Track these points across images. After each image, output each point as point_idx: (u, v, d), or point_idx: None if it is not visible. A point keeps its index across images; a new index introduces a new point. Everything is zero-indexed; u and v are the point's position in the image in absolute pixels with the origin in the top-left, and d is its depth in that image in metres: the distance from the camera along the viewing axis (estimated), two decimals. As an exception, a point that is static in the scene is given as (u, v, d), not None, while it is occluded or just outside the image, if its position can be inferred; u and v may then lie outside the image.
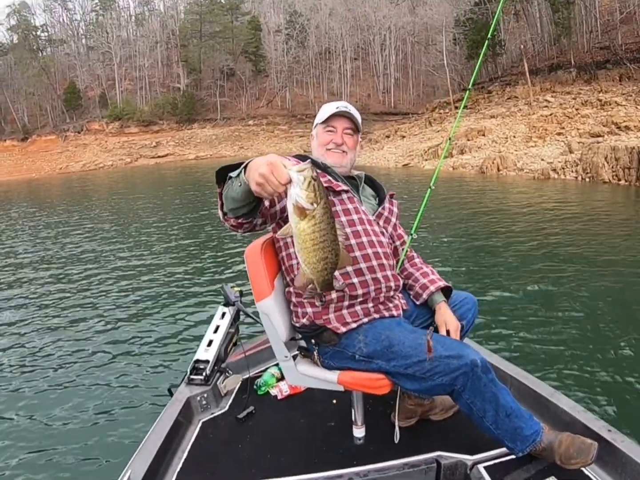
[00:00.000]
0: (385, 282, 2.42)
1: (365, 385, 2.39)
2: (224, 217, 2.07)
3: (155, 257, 11.35)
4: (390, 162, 35.08)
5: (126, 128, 68.67)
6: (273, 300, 2.43)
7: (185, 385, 3.31)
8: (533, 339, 5.65)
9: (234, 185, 1.82)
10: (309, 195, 1.59)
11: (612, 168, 20.09)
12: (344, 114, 2.53)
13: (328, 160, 2.55)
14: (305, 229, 1.65)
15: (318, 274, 1.77)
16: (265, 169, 1.62)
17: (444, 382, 2.15)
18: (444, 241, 11.24)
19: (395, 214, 2.76)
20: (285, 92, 73.05)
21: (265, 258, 2.47)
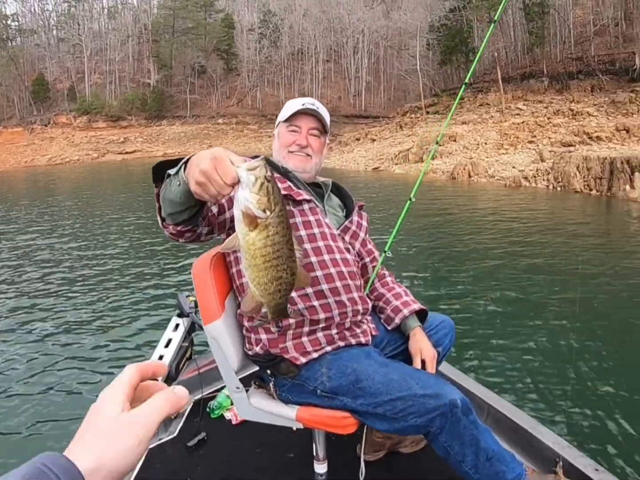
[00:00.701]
0: (351, 306, 2.17)
1: (327, 423, 2.12)
2: (162, 222, 1.80)
3: (110, 258, 10.94)
4: (360, 166, 35.05)
5: (94, 122, 67.32)
6: (223, 323, 2.16)
7: None
8: (510, 362, 5.50)
9: (173, 184, 1.54)
10: (260, 200, 1.30)
11: (584, 178, 20.16)
12: (310, 112, 2.29)
13: (289, 164, 2.32)
14: (256, 242, 1.35)
15: (270, 297, 1.47)
16: (207, 164, 1.33)
17: (419, 423, 1.92)
18: (414, 254, 10.88)
19: (365, 228, 2.50)
20: (256, 92, 72.73)
21: (214, 274, 2.21)
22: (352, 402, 2.02)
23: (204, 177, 1.34)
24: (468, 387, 3.01)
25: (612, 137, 26.28)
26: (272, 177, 1.34)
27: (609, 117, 29.65)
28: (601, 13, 42.91)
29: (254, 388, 2.33)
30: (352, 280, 2.22)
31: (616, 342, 6.00)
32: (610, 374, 5.18)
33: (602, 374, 5.15)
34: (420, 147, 32.21)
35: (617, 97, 31.72)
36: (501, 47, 47.06)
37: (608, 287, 7.89)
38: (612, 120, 28.93)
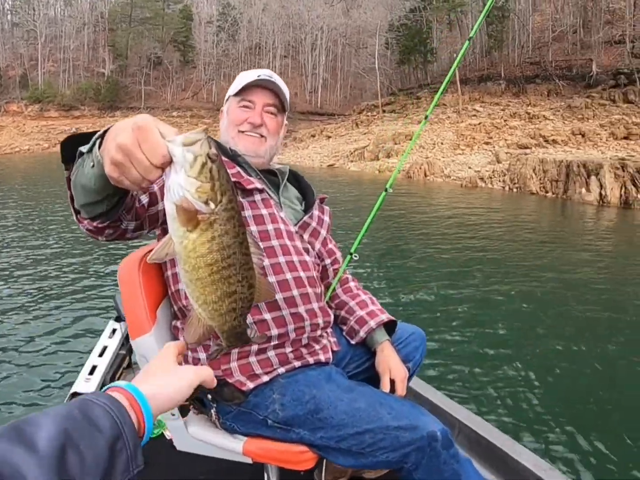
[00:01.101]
0: (309, 319, 1.84)
1: (280, 459, 1.79)
2: (76, 216, 1.37)
3: (49, 251, 10.06)
4: (315, 162, 35.09)
5: (46, 112, 65.82)
6: (154, 338, 1.82)
7: None
8: (476, 371, 5.22)
9: (85, 166, 1.12)
10: (201, 188, 0.96)
11: (540, 180, 20.38)
12: (266, 84, 1.94)
13: (239, 146, 1.95)
14: (197, 247, 1.01)
15: (222, 320, 1.13)
16: (127, 137, 0.94)
17: (391, 459, 1.62)
18: (368, 255, 10.26)
19: (327, 224, 2.15)
20: (212, 85, 72.33)
21: (144, 279, 1.86)
22: (310, 435, 1.71)
23: (122, 154, 0.95)
24: (435, 402, 2.77)
25: (567, 141, 26.72)
26: (218, 156, 0.98)
27: (565, 122, 30.09)
28: (560, 20, 43.75)
29: (192, 414, 1.94)
30: (311, 287, 1.89)
31: (573, 336, 6.02)
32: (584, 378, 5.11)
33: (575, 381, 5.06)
34: (377, 145, 32.44)
35: (574, 102, 32.22)
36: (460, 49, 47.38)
37: (575, 292, 7.82)
38: (568, 124, 29.39)
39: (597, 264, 9.51)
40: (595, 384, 5.02)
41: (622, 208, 17.17)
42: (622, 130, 26.06)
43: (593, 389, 4.88)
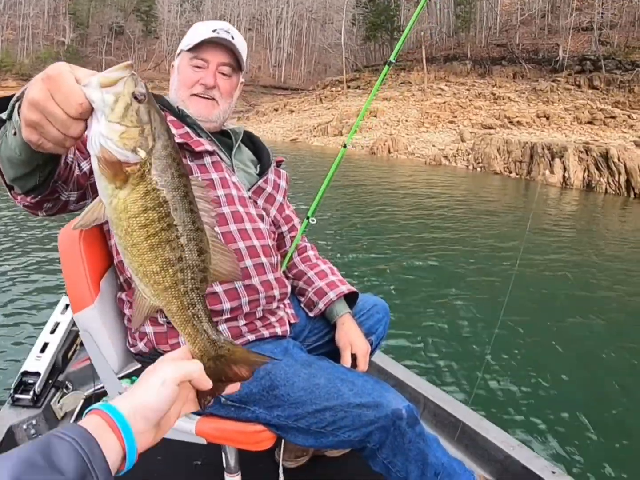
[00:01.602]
0: (264, 291, 1.74)
1: (236, 439, 1.69)
2: (10, 191, 1.22)
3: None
4: (277, 136, 34.93)
5: (3, 81, 64.90)
6: (97, 311, 1.70)
7: (8, 408, 2.59)
8: (446, 351, 5.03)
9: (9, 135, 0.98)
10: (127, 134, 0.80)
11: (504, 160, 20.50)
12: (222, 42, 1.74)
13: (190, 110, 1.79)
14: (129, 206, 0.85)
15: (166, 296, 0.91)
16: (39, 90, 0.82)
17: (353, 438, 1.57)
18: (331, 225, 10.14)
19: (283, 189, 2.03)
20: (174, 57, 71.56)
21: (85, 245, 1.71)
22: (266, 413, 1.63)
23: (36, 112, 0.82)
24: (401, 378, 2.77)
25: (532, 123, 27.01)
26: (147, 96, 0.83)
27: (530, 104, 30.42)
28: (529, 4, 44.30)
29: None
30: (266, 257, 1.79)
31: (542, 316, 5.96)
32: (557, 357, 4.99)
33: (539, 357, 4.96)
34: (340, 120, 32.57)
35: (539, 85, 32.67)
36: (427, 28, 47.33)
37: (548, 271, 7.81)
38: (533, 107, 29.75)
39: (557, 242, 9.60)
40: (555, 353, 5.04)
41: (584, 191, 17.36)
42: (587, 115, 26.43)
43: (552, 356, 4.93)
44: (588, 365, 4.84)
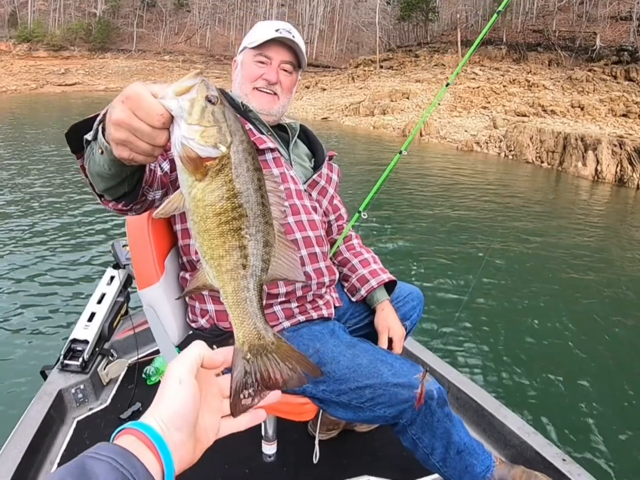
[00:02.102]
0: (316, 278, 1.93)
1: (282, 410, 1.91)
2: (100, 199, 1.32)
3: (40, 199, 9.70)
4: (308, 114, 34.53)
5: (34, 51, 64.27)
6: (162, 289, 1.89)
7: (57, 372, 2.76)
8: (473, 339, 5.24)
9: (95, 154, 1.08)
10: (205, 133, 0.89)
11: (537, 149, 20.21)
12: (285, 41, 1.91)
13: (252, 103, 1.96)
14: (206, 196, 0.92)
15: (226, 277, 0.97)
16: (121, 111, 0.91)
17: (387, 414, 1.74)
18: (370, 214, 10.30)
19: (335, 182, 2.20)
20: (205, 31, 71.48)
21: (153, 229, 1.91)
22: (312, 387, 1.81)
23: (122, 130, 0.91)
24: (427, 362, 2.92)
25: (566, 113, 26.48)
26: (219, 97, 0.91)
27: (565, 93, 29.80)
28: (567, -11, 43.01)
29: None
30: (319, 247, 1.97)
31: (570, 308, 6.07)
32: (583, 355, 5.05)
33: (570, 355, 5.04)
34: (372, 101, 32.16)
35: (574, 74, 31.88)
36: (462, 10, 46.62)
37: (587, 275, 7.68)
38: (568, 96, 29.11)
39: (585, 236, 9.58)
40: (581, 346, 5.15)
41: (616, 185, 17.06)
42: (622, 108, 25.85)
43: (577, 351, 5.05)
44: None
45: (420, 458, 1.88)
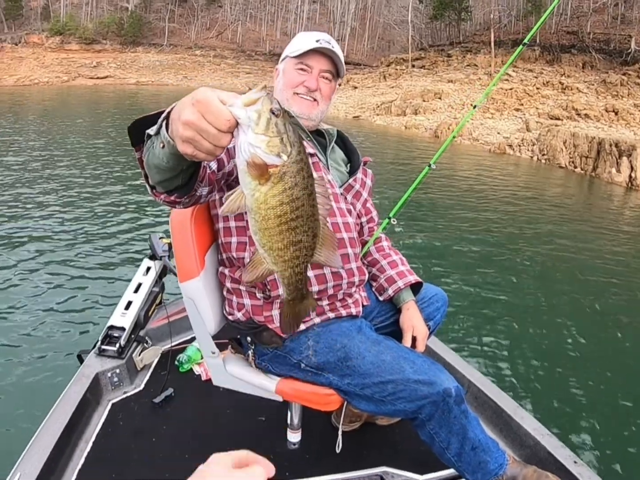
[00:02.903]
0: (347, 277, 2.03)
1: (309, 399, 2.04)
2: (151, 191, 1.45)
3: (77, 193, 9.91)
4: (340, 112, 34.37)
5: (67, 44, 64.50)
6: (201, 282, 2.02)
7: (95, 357, 2.90)
8: (496, 340, 5.37)
9: (156, 147, 1.19)
10: (271, 143, 1.03)
11: (570, 154, 19.94)
12: (325, 51, 2.02)
13: (293, 108, 2.06)
14: (268, 200, 1.08)
15: (284, 265, 1.22)
16: (191, 113, 1.03)
17: (407, 408, 1.86)
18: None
19: (368, 187, 2.33)
20: (237, 26, 71.54)
21: (195, 227, 2.02)
22: (338, 380, 1.94)
23: (190, 130, 1.03)
24: (451, 362, 3.01)
25: (600, 117, 26.20)
26: (282, 110, 1.04)
27: (599, 97, 29.48)
28: (602, -9, 42.34)
29: (230, 353, 2.22)
30: (351, 248, 2.07)
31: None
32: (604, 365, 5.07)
33: (594, 364, 5.06)
34: (404, 100, 31.91)
35: (609, 78, 31.46)
36: (495, 10, 46.25)
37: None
38: (602, 100, 28.81)
39: (616, 243, 9.54)
40: (608, 353, 5.24)
41: (651, 193, 16.85)
42: (657, 113, 25.57)
43: (601, 360, 5.08)
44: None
45: (436, 452, 1.98)
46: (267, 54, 64.04)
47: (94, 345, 2.96)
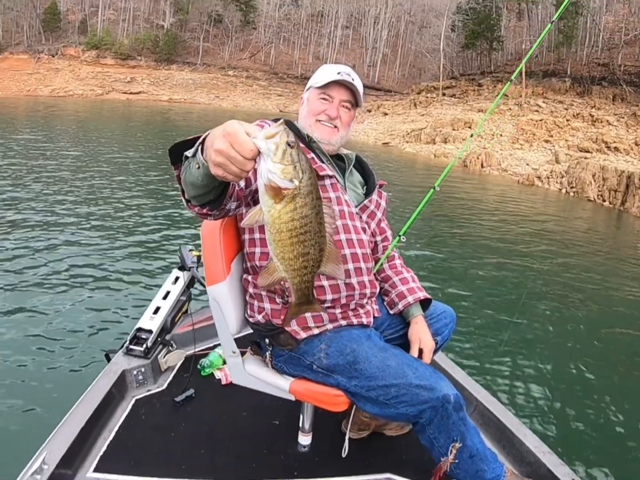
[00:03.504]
0: (359, 289, 2.20)
1: (319, 399, 2.20)
2: (187, 204, 1.72)
3: (111, 203, 10.34)
4: (369, 138, 34.52)
5: (102, 58, 65.44)
6: (227, 287, 2.22)
7: (122, 355, 3.10)
8: (506, 361, 5.46)
9: (192, 167, 1.46)
10: (285, 170, 1.26)
11: (599, 187, 19.89)
12: (346, 83, 2.22)
13: (315, 134, 2.26)
14: (282, 216, 1.32)
15: (294, 274, 1.45)
16: (222, 143, 1.27)
17: (409, 412, 1.98)
18: (418, 239, 10.54)
19: (382, 208, 2.50)
20: (270, 48, 72.16)
21: (224, 237, 2.23)
22: (346, 382, 2.07)
23: (221, 156, 1.27)
24: (459, 380, 3.09)
25: (630, 150, 26.05)
26: (296, 143, 1.27)
27: (629, 130, 29.31)
28: (633, 23, 42.23)
29: (249, 354, 2.36)
30: (364, 262, 2.23)
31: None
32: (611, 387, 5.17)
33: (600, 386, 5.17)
34: (434, 128, 31.85)
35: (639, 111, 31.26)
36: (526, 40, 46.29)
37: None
38: (632, 133, 28.66)
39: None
40: (620, 389, 5.18)
41: (680, 229, 16.66)
42: (688, 147, 25.34)
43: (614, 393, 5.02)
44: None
45: (435, 457, 2.07)
46: (299, 77, 64.28)
47: (122, 345, 3.16)
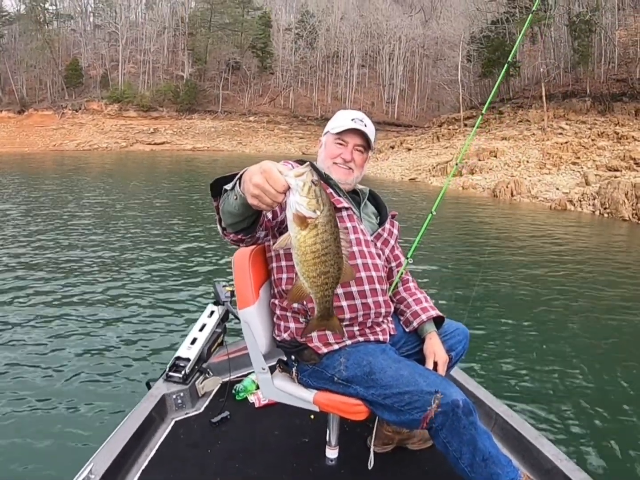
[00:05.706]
0: (375, 308, 2.42)
1: (341, 409, 2.38)
2: (222, 231, 2.03)
3: (147, 247, 11.22)
4: (396, 175, 34.64)
5: (125, 111, 67.44)
6: (256, 310, 2.46)
7: (162, 382, 3.35)
8: (525, 377, 5.64)
9: (230, 198, 1.77)
10: (310, 203, 1.55)
11: (633, 206, 19.65)
12: (358, 129, 2.47)
13: (332, 175, 2.53)
14: (306, 240, 1.61)
15: (317, 289, 1.75)
16: (259, 178, 1.57)
17: (422, 418, 2.11)
18: (443, 267, 10.92)
19: (395, 235, 2.75)
20: (289, 92, 73.40)
21: (253, 265, 2.49)
22: (364, 391, 2.26)
23: (258, 189, 1.56)
24: (479, 396, 3.21)
25: None
26: (319, 181, 1.58)
27: (656, 143, 28.70)
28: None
29: (278, 371, 2.58)
30: (379, 284, 2.45)
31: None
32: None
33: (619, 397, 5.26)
34: (460, 160, 31.50)
35: (664, 124, 30.84)
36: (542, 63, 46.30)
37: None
38: None
39: None
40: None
41: None
42: None
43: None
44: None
45: (451, 461, 2.19)
46: (319, 119, 65.10)
47: (163, 372, 3.41)
